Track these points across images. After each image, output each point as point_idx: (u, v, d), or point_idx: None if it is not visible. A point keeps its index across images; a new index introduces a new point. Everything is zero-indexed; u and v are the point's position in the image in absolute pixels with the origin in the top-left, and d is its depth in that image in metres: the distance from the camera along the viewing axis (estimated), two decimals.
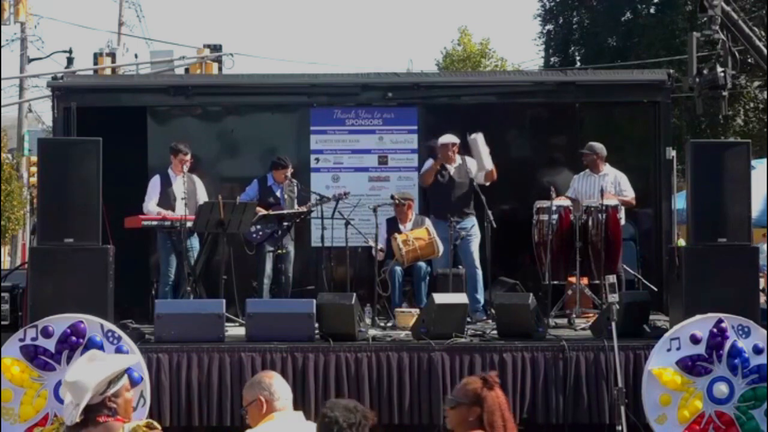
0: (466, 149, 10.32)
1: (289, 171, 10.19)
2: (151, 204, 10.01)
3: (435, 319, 8.43)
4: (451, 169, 10.24)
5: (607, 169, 10.22)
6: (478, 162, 10.14)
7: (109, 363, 4.40)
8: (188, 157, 10.09)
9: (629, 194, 10.13)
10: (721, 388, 8.01)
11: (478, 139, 10.14)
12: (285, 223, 10.07)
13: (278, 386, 4.51)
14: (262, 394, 4.48)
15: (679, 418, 7.98)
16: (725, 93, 13.15)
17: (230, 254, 9.71)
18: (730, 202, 8.42)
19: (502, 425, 4.45)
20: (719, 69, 12.71)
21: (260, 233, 10.00)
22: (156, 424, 4.31)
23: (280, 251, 9.99)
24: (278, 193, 10.20)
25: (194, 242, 10.01)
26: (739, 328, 8.10)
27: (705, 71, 12.80)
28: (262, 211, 9.97)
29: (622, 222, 9.82)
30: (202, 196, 10.15)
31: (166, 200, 10.00)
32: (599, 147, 10.22)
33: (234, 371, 8.18)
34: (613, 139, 10.96)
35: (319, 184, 10.90)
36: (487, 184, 10.17)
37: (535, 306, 8.66)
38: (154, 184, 10.10)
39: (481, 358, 8.27)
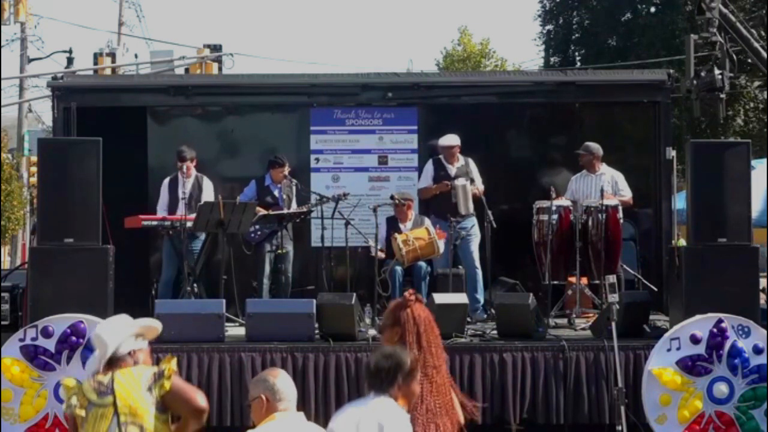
0: (467, 150, 10.33)
1: (286, 170, 10.19)
2: (158, 207, 10.09)
3: (435, 319, 8.40)
4: (453, 169, 10.23)
5: (603, 168, 10.22)
6: (462, 206, 10.00)
7: (136, 322, 4.89)
8: (187, 163, 10.08)
9: (626, 194, 10.13)
10: (721, 388, 8.01)
11: (467, 185, 10.02)
12: (284, 223, 10.07)
13: (282, 385, 4.51)
14: (264, 393, 4.48)
15: (679, 418, 7.98)
16: (723, 95, 13.13)
17: (230, 254, 9.71)
18: (730, 202, 8.42)
19: (415, 340, 4.96)
20: (717, 71, 12.69)
21: (259, 233, 10.00)
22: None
23: (280, 251, 9.98)
24: (276, 193, 10.20)
25: (197, 244, 10.00)
26: (739, 328, 8.10)
27: (702, 74, 12.79)
28: (262, 211, 9.97)
29: (621, 221, 9.82)
30: (209, 197, 10.12)
31: (175, 202, 10.02)
32: (595, 147, 10.22)
33: (234, 371, 8.18)
34: (613, 139, 10.97)
35: (319, 184, 10.90)
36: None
37: (535, 306, 8.65)
38: (163, 188, 10.16)
39: (481, 358, 8.27)
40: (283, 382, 4.53)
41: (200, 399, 4.74)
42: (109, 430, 4.66)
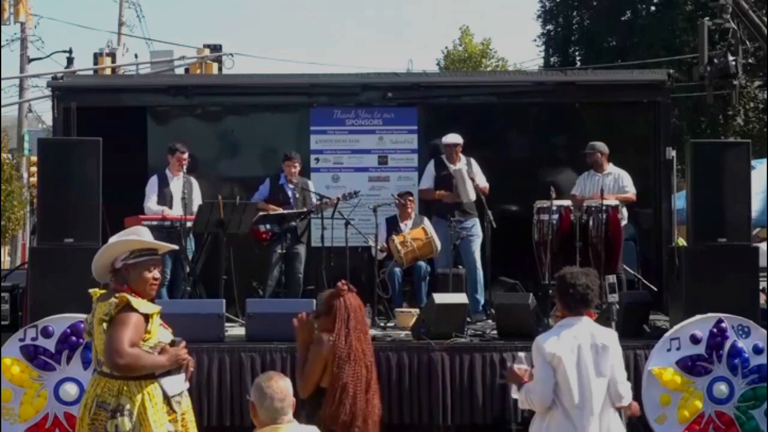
0: (467, 150, 10.32)
1: (296, 165, 10.17)
2: (150, 202, 10.01)
3: (435, 319, 8.42)
4: (454, 169, 10.21)
5: (610, 168, 10.22)
6: (462, 193, 10.04)
7: (141, 238, 5.22)
8: (186, 156, 10.10)
9: (630, 190, 10.13)
10: (721, 388, 8.01)
11: (463, 169, 10.04)
12: (292, 223, 10.05)
13: (270, 396, 4.24)
14: (256, 400, 4.31)
15: (679, 418, 7.97)
16: (736, 82, 13.06)
17: (230, 254, 9.71)
18: (730, 202, 8.42)
19: (344, 326, 5.20)
20: (730, 57, 12.62)
21: (271, 234, 9.96)
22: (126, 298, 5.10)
23: (295, 250, 10.00)
24: (289, 192, 10.20)
25: (190, 243, 10.00)
26: (739, 328, 8.10)
27: (716, 60, 12.72)
28: (262, 211, 9.97)
29: (624, 222, 9.81)
30: (197, 197, 10.15)
31: (163, 200, 10.01)
32: (602, 145, 10.22)
33: (234, 371, 8.18)
34: (613, 139, 10.94)
35: (319, 184, 10.88)
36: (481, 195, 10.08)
37: (535, 306, 8.65)
38: (152, 184, 10.11)
39: (481, 358, 8.26)
40: (273, 390, 4.25)
41: (115, 358, 5.00)
42: (95, 360, 5.24)
